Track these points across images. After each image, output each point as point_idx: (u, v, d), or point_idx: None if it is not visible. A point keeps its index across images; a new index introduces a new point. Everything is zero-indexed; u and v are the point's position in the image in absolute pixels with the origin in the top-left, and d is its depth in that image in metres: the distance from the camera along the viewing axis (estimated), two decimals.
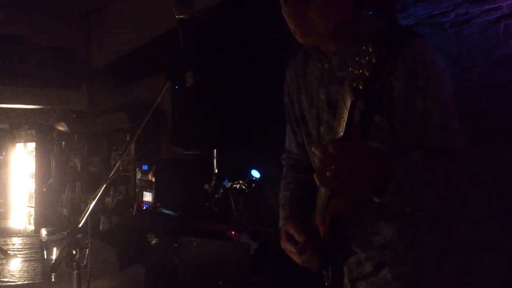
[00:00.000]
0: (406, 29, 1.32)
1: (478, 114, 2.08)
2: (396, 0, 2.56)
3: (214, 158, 3.91)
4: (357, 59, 0.95)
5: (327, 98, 1.39)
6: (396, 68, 0.99)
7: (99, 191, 1.93)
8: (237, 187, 3.40)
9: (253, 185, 3.33)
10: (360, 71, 0.95)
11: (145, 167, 4.86)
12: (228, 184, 3.45)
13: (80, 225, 1.96)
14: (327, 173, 1.03)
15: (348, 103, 1.01)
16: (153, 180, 4.69)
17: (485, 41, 2.14)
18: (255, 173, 3.35)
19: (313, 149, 1.07)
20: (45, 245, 2.70)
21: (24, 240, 3.70)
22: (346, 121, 1.03)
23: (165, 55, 4.90)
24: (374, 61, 0.92)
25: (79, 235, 2.13)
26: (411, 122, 1.24)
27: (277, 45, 3.69)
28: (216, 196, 3.47)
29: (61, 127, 7.33)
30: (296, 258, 1.43)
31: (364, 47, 0.93)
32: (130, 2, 5.92)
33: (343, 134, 1.05)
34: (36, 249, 3.22)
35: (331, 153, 1.02)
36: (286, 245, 1.45)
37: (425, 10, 2.42)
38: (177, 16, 1.65)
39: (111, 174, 1.99)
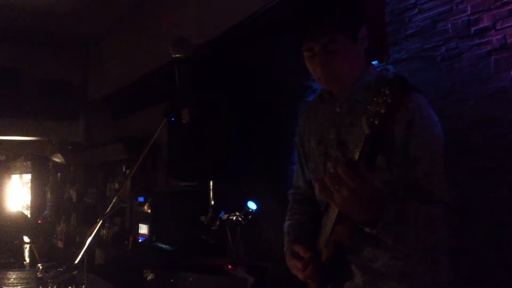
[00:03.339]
0: (408, 82, 1.46)
1: (471, 148, 2.10)
2: (388, 35, 2.62)
3: (210, 190, 3.90)
4: (375, 98, 1.13)
5: (337, 137, 1.56)
6: (408, 109, 1.15)
7: (95, 228, 1.94)
8: (234, 219, 3.39)
9: (250, 216, 3.33)
10: (377, 109, 1.12)
11: (141, 199, 4.85)
12: (225, 216, 3.44)
13: (76, 261, 1.96)
14: (331, 189, 1.20)
15: (363, 137, 1.18)
16: (149, 211, 4.67)
17: (477, 74, 2.17)
18: (252, 205, 3.34)
19: (328, 165, 1.24)
20: (41, 282, 2.68)
21: (19, 275, 3.65)
22: (359, 152, 1.21)
23: (162, 88, 4.95)
24: (389, 101, 1.10)
25: (75, 272, 2.13)
26: (403, 164, 1.41)
27: (273, 79, 3.75)
28: (212, 228, 3.46)
29: (57, 159, 7.33)
30: (299, 274, 1.56)
31: (382, 89, 1.11)
32: (127, 35, 6.00)
33: (355, 161, 1.21)
34: (32, 284, 3.18)
35: (339, 174, 1.19)
36: (290, 261, 1.59)
37: (417, 44, 2.46)
38: (173, 56, 1.68)
39: (108, 210, 2.00)
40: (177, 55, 1.72)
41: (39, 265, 3.04)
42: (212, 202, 3.82)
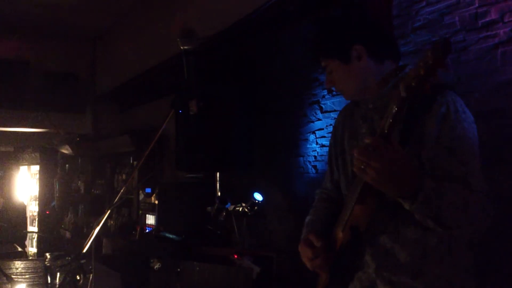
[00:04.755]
0: (442, 83, 1.46)
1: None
2: (396, 28, 2.61)
3: (217, 181, 3.93)
4: (417, 61, 1.15)
5: (368, 131, 1.59)
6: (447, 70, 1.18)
7: (103, 217, 1.96)
8: (240, 210, 3.41)
9: (256, 208, 3.35)
10: (417, 72, 1.14)
11: (148, 190, 4.88)
12: (231, 207, 3.46)
13: (84, 251, 1.99)
14: (364, 164, 1.24)
15: (398, 101, 1.21)
16: (156, 203, 4.71)
17: (483, 67, 2.16)
18: (258, 196, 3.37)
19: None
20: (49, 270, 2.71)
21: (27, 264, 3.70)
22: (391, 120, 1.23)
23: (169, 81, 4.96)
24: (430, 62, 1.12)
25: (83, 261, 2.15)
26: (438, 157, 1.39)
27: (279, 72, 3.76)
28: (218, 219, 3.49)
29: (65, 150, 7.38)
30: (308, 262, 1.59)
31: (424, 54, 1.13)
32: (134, 28, 6.01)
33: (387, 131, 1.24)
34: (40, 273, 3.22)
35: (372, 148, 1.23)
36: (302, 248, 1.62)
37: (424, 37, 2.46)
38: (181, 47, 1.69)
39: (116, 200, 2.02)
40: (185, 47, 1.73)
41: (47, 254, 3.08)
42: (219, 193, 3.85)
